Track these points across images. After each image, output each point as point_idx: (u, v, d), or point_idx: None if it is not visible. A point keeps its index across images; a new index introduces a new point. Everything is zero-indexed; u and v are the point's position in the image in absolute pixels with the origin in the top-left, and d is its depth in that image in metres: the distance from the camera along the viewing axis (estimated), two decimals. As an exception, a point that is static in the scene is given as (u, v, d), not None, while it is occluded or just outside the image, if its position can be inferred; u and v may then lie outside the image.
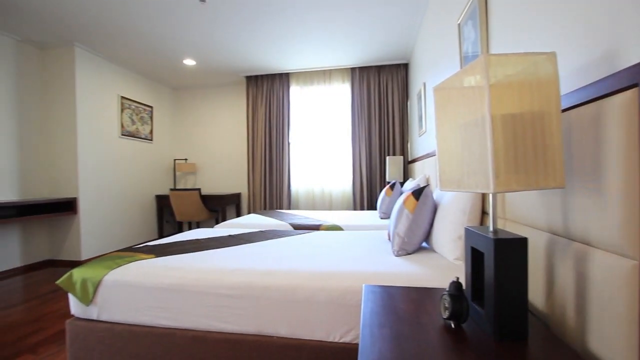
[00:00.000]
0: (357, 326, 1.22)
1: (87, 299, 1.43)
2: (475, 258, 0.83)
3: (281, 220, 2.94)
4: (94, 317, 1.46)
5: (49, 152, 3.67)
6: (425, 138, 3.04)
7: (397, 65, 4.20)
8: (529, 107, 0.69)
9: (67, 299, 2.61)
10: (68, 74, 3.58)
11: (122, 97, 4.21)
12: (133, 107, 4.40)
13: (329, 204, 4.45)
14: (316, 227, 2.67)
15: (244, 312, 1.31)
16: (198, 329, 1.36)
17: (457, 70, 1.82)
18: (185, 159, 5.22)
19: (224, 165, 5.13)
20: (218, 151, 5.15)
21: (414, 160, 3.64)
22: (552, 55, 0.70)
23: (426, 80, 2.94)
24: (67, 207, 3.57)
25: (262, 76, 4.58)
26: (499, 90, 0.68)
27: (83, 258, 3.64)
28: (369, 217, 3.09)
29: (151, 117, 4.75)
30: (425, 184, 2.01)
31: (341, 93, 4.44)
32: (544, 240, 0.88)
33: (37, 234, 3.59)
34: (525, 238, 0.71)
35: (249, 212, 4.64)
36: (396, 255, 1.54)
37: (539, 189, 0.70)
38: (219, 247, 1.81)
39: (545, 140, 0.69)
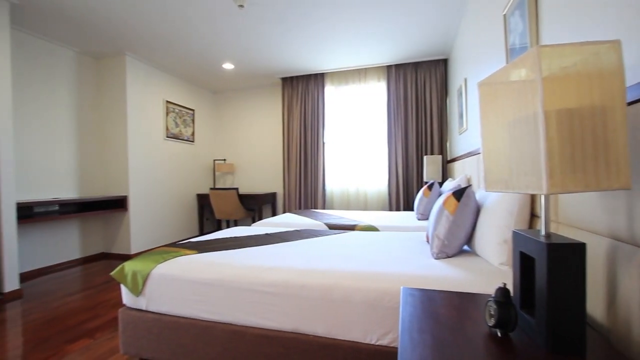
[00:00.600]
0: (395, 329, 1.20)
1: (136, 291, 1.53)
2: (524, 263, 0.78)
3: (316, 219, 2.95)
4: (143, 307, 1.56)
5: (103, 153, 3.99)
6: (466, 136, 2.91)
7: (436, 62, 4.06)
8: (588, 101, 0.63)
9: (119, 289, 2.83)
10: (119, 81, 3.87)
11: (167, 102, 4.47)
12: (177, 110, 4.65)
13: (364, 204, 4.41)
14: (351, 227, 2.66)
15: (281, 310, 1.34)
16: (237, 324, 1.40)
17: (503, 65, 1.73)
18: (224, 160, 5.42)
19: (260, 165, 5.27)
20: (255, 152, 5.30)
21: (453, 160, 3.50)
22: (617, 44, 0.63)
23: (467, 76, 2.81)
24: (118, 204, 3.86)
25: (297, 77, 4.64)
26: (553, 84, 0.63)
27: (132, 252, 3.91)
28: (405, 218, 3.02)
29: (193, 120, 5.00)
30: (467, 185, 1.93)
31: (377, 92, 4.38)
32: (605, 247, 0.80)
33: (93, 229, 3.92)
34: (583, 243, 0.65)
35: (284, 212, 4.73)
36: (435, 258, 1.48)
37: (599, 191, 0.64)
38: (256, 245, 1.86)
39: (608, 136, 0.63)
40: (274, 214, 5.05)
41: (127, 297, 1.59)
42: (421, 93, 4.10)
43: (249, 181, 5.34)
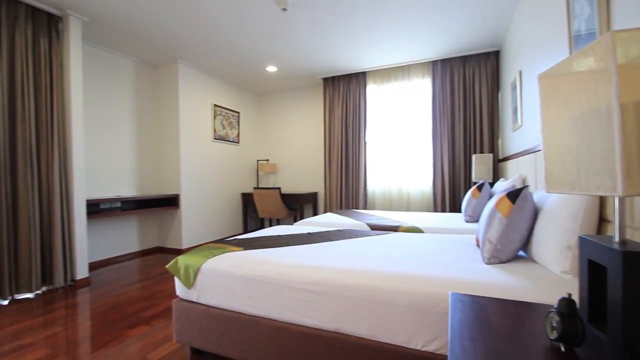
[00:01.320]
0: (442, 336, 1.15)
1: (188, 283, 1.63)
2: (593, 272, 0.70)
3: (358, 220, 2.93)
4: (194, 299, 1.65)
5: (158, 155, 4.31)
6: (520, 133, 2.71)
7: (486, 54, 3.83)
8: (675, 91, 0.55)
9: (173, 281, 3.03)
10: (172, 87, 4.15)
11: (215, 105, 4.71)
12: (223, 113, 4.88)
13: (407, 205, 4.29)
14: (394, 228, 2.60)
15: (324, 308, 1.34)
16: (281, 320, 1.43)
17: (565, 54, 1.58)
18: (267, 160, 5.59)
19: (302, 165, 5.35)
20: (297, 152, 5.40)
21: (505, 159, 3.28)
22: None
23: (522, 68, 2.61)
24: (171, 202, 4.15)
25: (338, 77, 4.64)
26: (630, 73, 0.56)
27: (184, 246, 4.17)
28: (452, 219, 2.89)
29: (238, 122, 5.21)
30: (523, 185, 1.79)
31: (421, 88, 4.23)
32: (696, 257, 0.70)
33: (149, 225, 4.25)
34: (669, 253, 0.57)
35: (325, 211, 4.75)
36: (487, 263, 1.40)
37: (690, 193, 0.56)
38: (299, 244, 1.89)
39: (700, 131, 0.55)
40: (315, 213, 5.10)
41: (180, 289, 1.70)
42: (470, 88, 3.89)
43: (291, 181, 5.45)
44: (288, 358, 1.41)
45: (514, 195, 1.38)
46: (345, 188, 4.53)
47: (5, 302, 2.54)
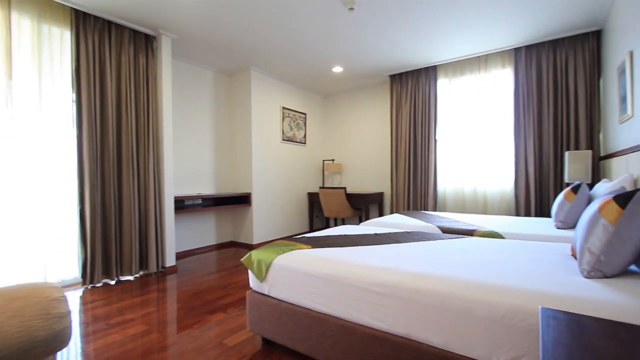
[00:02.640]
0: (530, 354, 1.02)
1: (261, 276, 1.72)
2: None
3: (427, 222, 2.78)
4: (266, 292, 1.74)
5: (232, 156, 4.66)
6: (630, 125, 2.29)
7: (583, 36, 3.31)
8: None
9: (246, 274, 3.25)
10: (246, 92, 4.45)
11: (283, 107, 4.92)
12: (291, 115, 5.07)
13: (483, 207, 3.93)
14: (469, 232, 2.40)
15: (392, 312, 1.30)
16: (348, 320, 1.43)
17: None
18: (333, 160, 5.65)
19: (367, 165, 5.29)
20: (362, 151, 5.35)
21: (609, 156, 2.80)
22: None
23: (634, 48, 2.19)
24: (244, 200, 4.44)
25: (406, 73, 4.47)
26: None
27: (254, 242, 4.44)
28: (539, 225, 2.56)
29: (305, 123, 5.36)
30: (635, 188, 1.50)
31: (500, 80, 3.85)
32: None
33: (224, 220, 4.61)
34: None
35: (391, 212, 4.62)
36: (586, 277, 1.20)
37: None
38: (367, 244, 1.86)
39: None
40: (380, 214, 5.00)
41: (253, 281, 1.80)
42: (561, 76, 3.41)
43: (357, 181, 5.42)
44: (354, 358, 1.39)
45: (624, 198, 1.16)
46: (413, 188, 4.35)
47: (113, 282, 2.99)
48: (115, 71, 3.05)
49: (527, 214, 3.55)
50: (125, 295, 2.69)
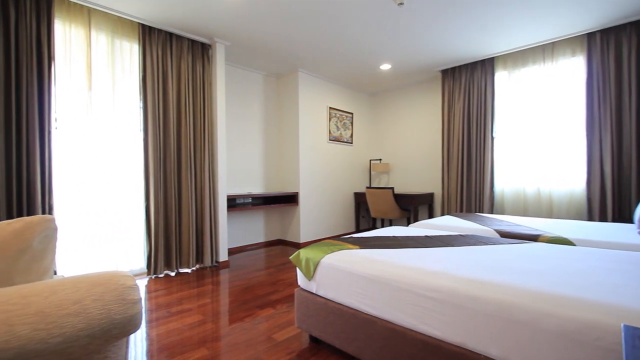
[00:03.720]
0: (612, 379, 0.89)
1: (309, 275, 1.73)
2: None
3: (484, 225, 2.60)
4: (313, 290, 1.75)
5: (280, 156, 4.78)
6: None
7: (674, 14, 2.86)
8: None
9: (293, 271, 3.31)
10: (293, 94, 4.54)
11: (330, 108, 4.94)
12: (338, 115, 5.07)
13: (548, 210, 3.58)
14: (533, 238, 2.19)
15: (446, 319, 1.23)
16: (397, 324, 1.38)
17: None
18: (380, 159, 5.54)
19: (416, 164, 5.11)
20: (411, 151, 5.18)
21: None
22: None
23: None
24: (291, 199, 4.54)
25: (459, 67, 4.23)
26: None
27: (301, 241, 4.51)
28: (618, 231, 2.26)
29: (351, 123, 5.33)
30: None
31: (569, 70, 3.47)
32: None
33: (272, 219, 4.75)
34: None
35: (442, 214, 4.40)
36: (685, 293, 1.03)
37: None
38: (417, 247, 1.79)
39: None
40: (430, 215, 4.79)
41: (301, 279, 1.82)
42: (647, 62, 2.98)
43: (405, 181, 5.26)
44: (405, 365, 1.34)
45: None
46: (467, 189, 4.09)
47: (173, 274, 3.23)
48: (175, 79, 3.29)
49: (603, 218, 3.16)
50: (183, 286, 2.89)
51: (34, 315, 0.58)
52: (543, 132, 3.63)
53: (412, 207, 4.43)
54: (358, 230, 5.30)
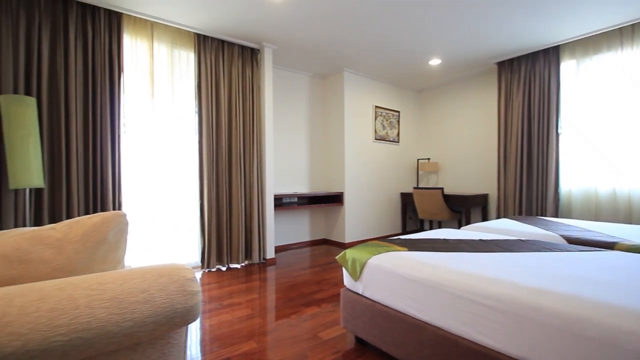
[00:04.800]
0: None
1: (355, 276, 1.72)
2: None
3: (547, 229, 2.38)
4: (360, 291, 1.73)
5: (325, 156, 4.81)
6: None
7: None
8: None
9: (338, 270, 3.31)
10: (339, 93, 4.54)
11: (376, 106, 4.86)
12: (384, 114, 4.97)
13: (627, 214, 3.16)
14: (608, 245, 1.96)
15: (504, 329, 1.14)
16: (449, 331, 1.31)
17: None
18: (428, 159, 5.33)
19: (468, 163, 4.83)
20: (462, 149, 4.91)
21: None
22: None
23: None
24: (337, 199, 4.54)
25: (518, 58, 3.91)
26: None
27: (346, 241, 4.49)
28: None
29: (398, 121, 5.19)
30: None
31: (652, 55, 3.04)
32: None
33: (318, 218, 4.79)
34: None
35: (498, 216, 4.11)
36: None
37: None
38: (470, 251, 1.69)
39: None
40: (484, 218, 4.50)
41: (347, 279, 1.81)
42: None
43: (455, 181, 5.00)
44: (458, 375, 1.27)
45: None
46: (527, 189, 3.77)
47: (224, 269, 3.41)
48: (227, 84, 3.47)
49: (698, 225, 2.71)
50: (233, 281, 3.03)
51: (109, 301, 0.64)
52: (620, 127, 3.21)
53: (464, 208, 4.20)
54: (405, 232, 5.15)
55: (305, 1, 2.73)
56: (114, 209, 2.80)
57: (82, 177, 2.64)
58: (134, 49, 2.98)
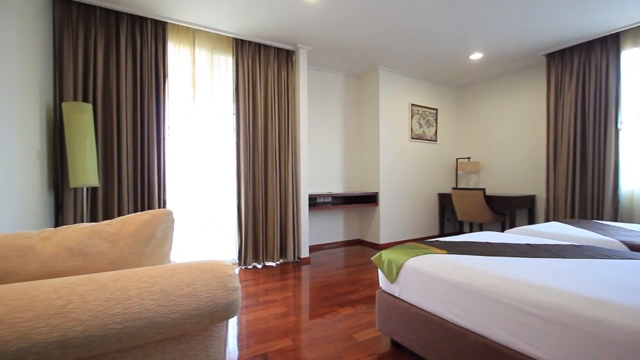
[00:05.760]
0: None
1: (391, 278, 1.68)
2: None
3: (605, 234, 2.17)
4: (396, 294, 1.69)
5: (360, 155, 4.76)
6: None
7: None
8: None
9: (373, 271, 3.27)
10: (374, 92, 4.48)
11: (412, 104, 4.73)
12: (420, 112, 4.83)
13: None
14: (678, 253, 1.75)
15: (556, 341, 1.05)
16: (492, 339, 1.24)
17: None
18: (468, 158, 5.10)
19: (512, 163, 4.55)
20: (505, 147, 4.64)
21: None
22: None
23: None
24: (371, 199, 4.48)
25: (570, 48, 3.61)
26: None
27: (381, 242, 4.42)
28: None
29: (436, 119, 5.02)
30: None
31: None
32: None
33: (352, 219, 4.76)
34: None
35: (547, 219, 3.83)
36: None
37: None
38: (516, 256, 1.58)
39: None
40: (531, 221, 4.22)
41: (383, 281, 1.78)
42: None
43: (498, 181, 4.74)
44: (503, 387, 1.19)
45: None
46: (580, 191, 3.47)
47: (260, 266, 3.49)
48: (263, 86, 3.55)
49: None
50: (269, 278, 3.10)
51: (158, 293, 0.68)
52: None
53: (508, 210, 3.96)
54: (442, 234, 4.97)
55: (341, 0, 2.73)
56: (159, 206, 2.98)
57: (132, 177, 2.83)
58: (177, 55, 3.15)
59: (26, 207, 2.00)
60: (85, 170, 2.38)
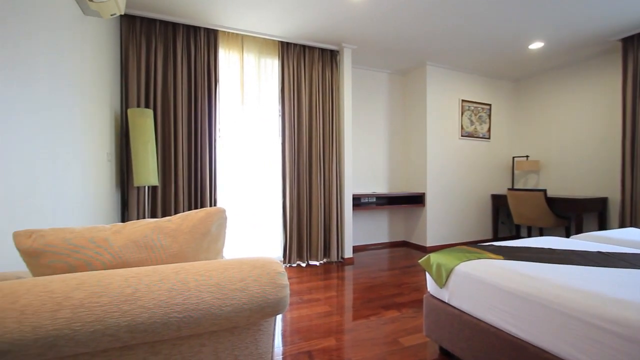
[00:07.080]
0: None
1: (441, 282, 1.61)
2: None
3: (697, 243, 1.88)
4: (445, 299, 1.61)
5: (406, 155, 4.62)
6: None
7: None
8: None
9: (420, 275, 3.16)
10: (421, 88, 4.32)
11: (462, 100, 4.48)
12: (472, 108, 4.56)
13: None
14: None
15: (636, 364, 0.93)
16: (556, 354, 1.13)
17: None
18: (527, 157, 4.71)
19: (578, 161, 4.12)
20: (570, 145, 4.21)
21: None
22: None
23: None
24: (417, 200, 4.33)
25: (651, 32, 3.18)
26: None
27: (428, 244, 4.25)
28: None
29: (489, 116, 4.71)
30: None
31: None
32: None
33: (397, 220, 4.64)
34: None
35: (621, 225, 3.40)
36: None
37: None
38: (586, 265, 1.43)
39: None
40: (601, 226, 3.78)
41: (431, 285, 1.71)
42: None
43: (561, 182, 4.32)
44: (570, 409, 1.08)
45: None
46: (664, 194, 3.04)
47: (304, 265, 3.54)
48: (307, 86, 3.60)
49: None
50: (312, 277, 3.13)
51: (214, 286, 0.72)
52: None
53: (573, 214, 3.59)
54: (496, 238, 4.65)
55: (386, -4, 2.67)
56: (210, 205, 3.15)
57: (187, 177, 3.03)
58: (227, 60, 3.31)
59: (99, 203, 2.24)
60: (147, 171, 2.60)
